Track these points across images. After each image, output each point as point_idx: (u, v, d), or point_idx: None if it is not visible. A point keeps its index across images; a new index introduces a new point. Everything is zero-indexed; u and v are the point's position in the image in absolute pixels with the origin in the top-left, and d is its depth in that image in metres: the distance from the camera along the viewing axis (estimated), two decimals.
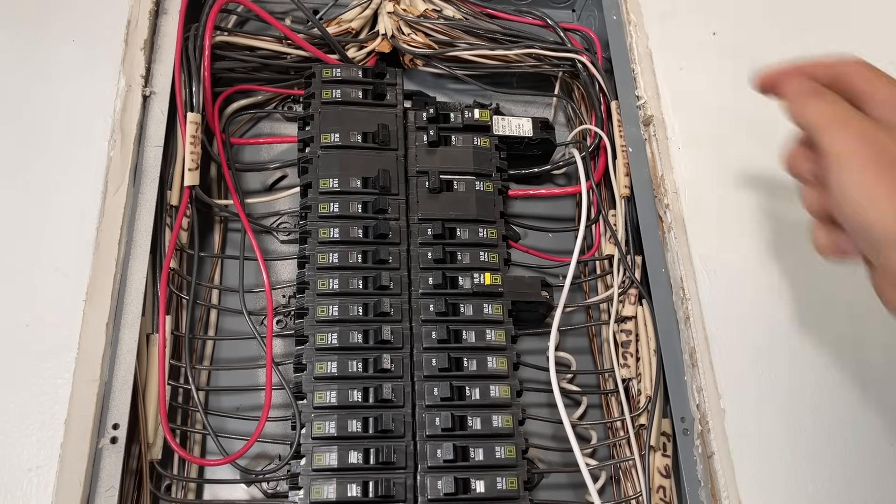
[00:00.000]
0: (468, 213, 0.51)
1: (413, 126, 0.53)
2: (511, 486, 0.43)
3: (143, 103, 0.50)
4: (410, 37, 0.57)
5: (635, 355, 0.50)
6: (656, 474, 0.47)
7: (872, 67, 0.39)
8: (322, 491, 0.42)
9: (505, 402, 0.46)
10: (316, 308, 0.46)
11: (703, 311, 0.48)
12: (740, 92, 0.57)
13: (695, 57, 0.58)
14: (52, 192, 0.46)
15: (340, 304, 0.47)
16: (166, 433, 0.42)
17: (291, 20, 0.59)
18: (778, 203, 0.53)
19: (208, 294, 0.51)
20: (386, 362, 0.45)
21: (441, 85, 0.62)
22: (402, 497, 0.42)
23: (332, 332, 0.46)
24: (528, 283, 0.50)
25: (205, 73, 0.51)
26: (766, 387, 0.47)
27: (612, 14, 0.59)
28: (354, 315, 0.46)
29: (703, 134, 0.55)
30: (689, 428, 0.47)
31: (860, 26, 0.63)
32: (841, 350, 0.49)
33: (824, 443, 0.46)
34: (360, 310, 0.47)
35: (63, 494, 0.39)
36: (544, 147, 0.58)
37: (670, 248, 0.51)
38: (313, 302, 0.47)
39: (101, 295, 0.44)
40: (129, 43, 0.51)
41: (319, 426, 0.43)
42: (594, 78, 0.58)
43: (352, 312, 0.46)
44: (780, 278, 0.50)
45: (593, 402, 0.53)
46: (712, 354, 0.47)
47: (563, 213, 0.60)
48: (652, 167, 0.54)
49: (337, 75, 0.53)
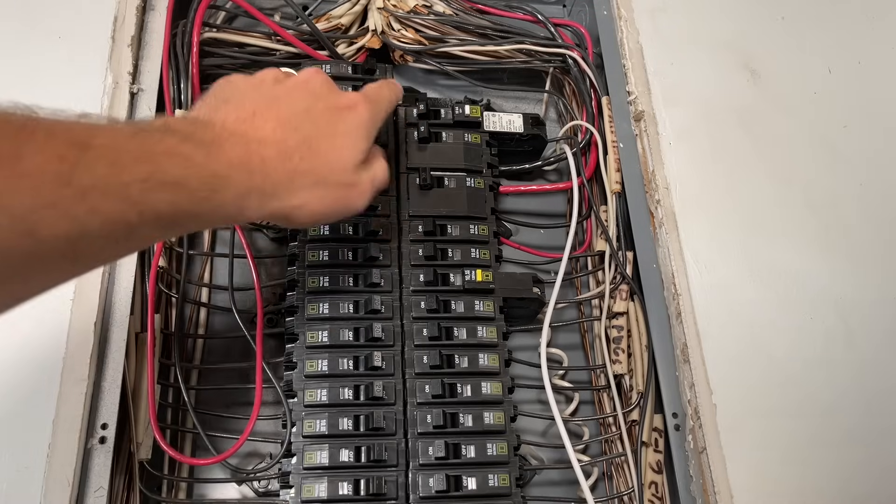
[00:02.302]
0: (459, 210, 0.51)
1: (403, 122, 0.53)
2: (503, 482, 0.43)
3: (131, 100, 0.49)
4: (400, 33, 0.57)
5: (627, 351, 0.50)
6: (648, 470, 0.47)
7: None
8: (313, 489, 0.42)
9: (497, 399, 0.46)
10: (306, 306, 0.46)
11: (694, 306, 0.48)
12: (731, 87, 0.57)
13: (685, 52, 0.58)
14: None
15: (331, 301, 0.46)
16: (156, 433, 0.42)
17: (281, 16, 0.58)
18: (769, 198, 0.53)
19: (198, 292, 0.51)
20: (377, 360, 0.45)
21: (431, 81, 0.62)
22: (393, 495, 0.42)
23: (323, 329, 0.46)
24: (520, 279, 0.50)
25: (193, 70, 0.51)
26: (757, 382, 0.47)
27: (603, 9, 0.59)
28: (345, 313, 0.46)
29: (694, 129, 0.55)
30: (680, 423, 0.47)
31: (852, 20, 0.63)
32: (832, 344, 0.49)
33: (815, 437, 0.46)
34: (350, 307, 0.46)
35: (52, 495, 0.38)
36: (535, 143, 0.58)
37: (661, 244, 0.51)
38: (303, 300, 0.46)
39: (89, 293, 0.43)
40: (116, 39, 0.50)
41: (310, 424, 0.43)
42: (585, 73, 0.57)
43: (342, 310, 0.46)
44: (772, 273, 0.50)
45: (585, 399, 0.53)
46: (704, 350, 0.47)
47: (554, 210, 0.60)
48: (643, 162, 0.54)
49: (327, 71, 0.53)
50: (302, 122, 0.37)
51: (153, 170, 0.29)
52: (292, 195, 0.36)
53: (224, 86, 0.38)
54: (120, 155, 0.28)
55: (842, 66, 0.60)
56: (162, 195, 0.29)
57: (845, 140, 0.56)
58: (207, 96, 0.38)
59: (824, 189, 0.54)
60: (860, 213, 0.54)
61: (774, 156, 0.55)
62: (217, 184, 0.32)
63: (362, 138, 0.39)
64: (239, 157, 0.33)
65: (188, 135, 0.32)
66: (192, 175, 0.31)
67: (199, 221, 0.36)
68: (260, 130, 0.35)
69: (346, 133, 0.39)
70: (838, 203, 0.54)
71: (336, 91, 0.40)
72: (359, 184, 0.39)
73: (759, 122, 0.56)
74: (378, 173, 0.41)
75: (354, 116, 0.39)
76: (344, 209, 0.39)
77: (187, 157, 0.31)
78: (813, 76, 0.59)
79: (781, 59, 0.59)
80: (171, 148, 0.31)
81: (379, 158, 0.42)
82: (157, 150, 0.30)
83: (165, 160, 0.30)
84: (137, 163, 0.29)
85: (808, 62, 0.59)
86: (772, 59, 0.58)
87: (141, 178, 0.29)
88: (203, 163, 0.32)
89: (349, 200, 0.39)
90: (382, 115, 0.42)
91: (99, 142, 0.28)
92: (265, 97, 0.37)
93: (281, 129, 0.36)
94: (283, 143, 0.36)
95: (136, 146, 0.29)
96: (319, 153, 0.37)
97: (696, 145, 0.54)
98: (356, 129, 0.39)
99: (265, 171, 0.34)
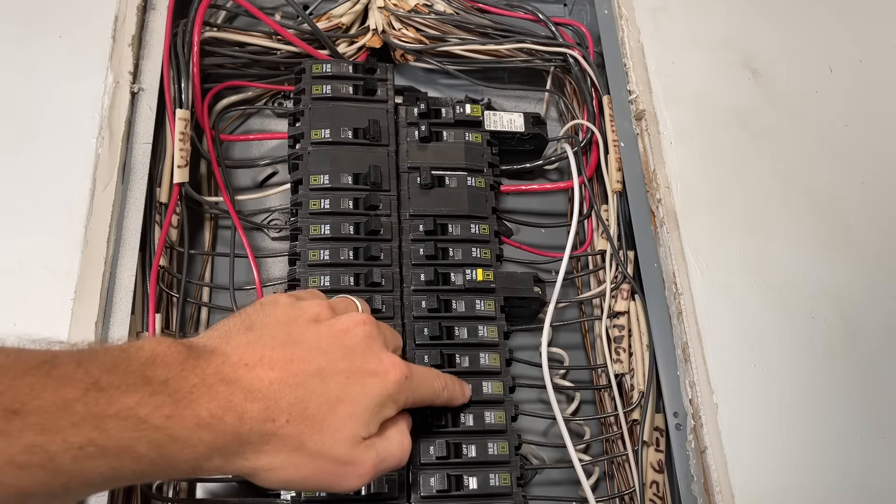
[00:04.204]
0: (460, 209, 0.51)
1: (404, 122, 0.53)
2: (504, 482, 0.43)
3: (132, 100, 0.49)
4: (401, 32, 0.57)
5: (628, 350, 0.50)
6: (649, 469, 0.47)
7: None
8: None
9: (498, 399, 0.45)
10: None
11: (695, 305, 0.48)
12: (732, 86, 0.57)
13: (686, 51, 0.58)
14: (40, 189, 0.46)
15: None
16: None
17: (281, 15, 0.58)
18: (770, 196, 0.53)
19: (199, 292, 0.51)
20: None
21: (432, 80, 0.62)
22: (395, 495, 0.42)
23: None
24: (521, 278, 0.50)
25: (194, 70, 0.51)
26: (759, 381, 0.47)
27: (604, 8, 0.59)
28: None
29: (695, 128, 0.55)
30: (682, 423, 0.47)
31: (853, 18, 0.63)
32: (833, 343, 0.49)
33: (817, 437, 0.46)
34: None
35: None
36: (536, 142, 0.58)
37: (662, 243, 0.51)
38: None
39: (90, 293, 0.43)
40: (116, 39, 0.50)
41: None
42: (586, 72, 0.57)
43: None
44: (773, 272, 0.50)
45: (586, 398, 0.53)
46: (705, 349, 0.47)
47: (555, 209, 0.60)
48: (644, 162, 0.54)
49: (327, 71, 0.53)
50: (309, 379, 0.33)
51: (94, 436, 0.26)
52: (261, 455, 0.31)
53: (263, 305, 0.36)
54: (57, 421, 0.26)
55: (843, 65, 0.59)
56: (97, 462, 0.27)
57: (846, 139, 0.56)
58: (239, 314, 0.35)
59: (825, 188, 0.54)
60: (861, 211, 0.54)
61: (775, 154, 0.55)
62: (170, 447, 0.28)
63: (374, 411, 0.34)
64: (211, 414, 0.29)
65: (163, 383, 0.29)
66: (142, 438, 0.28)
67: (143, 480, 0.34)
68: (256, 381, 0.31)
69: (354, 401, 0.34)
70: (839, 202, 0.54)
71: (373, 352, 0.36)
72: (357, 463, 0.34)
73: (760, 121, 0.56)
74: (391, 452, 0.35)
75: (377, 384, 0.34)
76: (328, 485, 0.34)
77: (142, 420, 0.28)
78: (814, 75, 0.59)
79: (782, 58, 0.59)
80: (126, 409, 0.27)
81: (396, 435, 0.36)
82: (108, 412, 0.27)
83: (113, 423, 0.27)
84: (76, 428, 0.26)
85: (809, 61, 0.59)
86: (773, 58, 0.58)
87: (76, 446, 0.26)
88: (160, 425, 0.28)
89: (337, 478, 0.34)
90: (415, 398, 0.37)
91: (36, 405, 0.25)
92: (288, 338, 0.34)
93: (279, 384, 0.32)
94: (275, 401, 0.31)
95: (82, 408, 0.26)
96: (313, 420, 0.32)
97: (697, 144, 0.54)
98: (371, 399, 0.34)
99: (237, 431, 0.30)
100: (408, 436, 0.37)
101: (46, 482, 0.26)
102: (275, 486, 0.33)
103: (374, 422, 0.35)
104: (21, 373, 0.26)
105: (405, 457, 0.36)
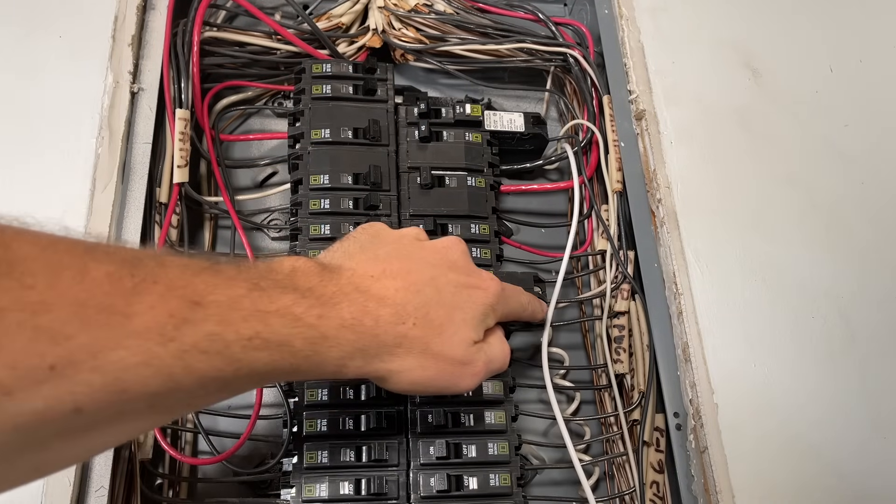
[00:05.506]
0: (460, 209, 0.51)
1: (404, 121, 0.53)
2: (504, 482, 0.43)
3: (132, 100, 0.49)
4: (401, 31, 0.57)
5: (628, 350, 0.50)
6: (650, 469, 0.47)
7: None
8: (314, 489, 0.42)
9: (497, 399, 0.45)
10: None
11: (696, 305, 0.48)
12: (732, 85, 0.57)
13: (686, 51, 0.58)
14: (40, 189, 0.46)
15: None
16: (156, 432, 0.42)
17: (281, 15, 0.58)
18: (770, 196, 0.53)
19: None
20: None
21: (432, 80, 0.62)
22: (394, 494, 0.42)
23: None
24: (521, 278, 0.50)
25: (194, 69, 0.51)
26: (759, 381, 0.47)
27: (604, 8, 0.59)
28: None
29: (695, 128, 0.55)
30: (682, 423, 0.47)
31: (853, 18, 0.63)
32: (833, 343, 0.49)
33: (817, 437, 0.46)
34: None
35: (52, 494, 0.38)
36: (536, 142, 0.58)
37: (663, 243, 0.51)
38: None
39: None
40: (116, 39, 0.50)
41: (311, 424, 0.43)
42: (586, 72, 0.57)
43: None
44: (773, 272, 0.50)
45: (586, 398, 0.53)
46: (705, 349, 0.47)
47: (555, 209, 0.60)
48: (644, 162, 0.54)
49: (327, 71, 0.53)
50: (425, 287, 0.36)
51: (260, 329, 0.29)
52: (395, 358, 0.35)
53: (367, 230, 0.39)
54: (230, 313, 0.28)
55: (843, 65, 0.59)
56: (262, 354, 0.29)
57: (847, 139, 0.56)
58: (349, 237, 0.38)
59: (826, 188, 0.54)
60: (861, 211, 0.54)
61: (776, 154, 0.54)
62: (322, 344, 0.32)
63: (479, 319, 0.38)
64: (352, 316, 0.33)
65: (309, 290, 0.32)
66: (299, 335, 0.31)
67: (296, 376, 0.37)
68: (384, 289, 0.35)
69: (465, 308, 0.37)
70: (840, 202, 0.54)
71: (471, 267, 0.40)
72: (472, 363, 0.37)
73: (760, 121, 0.56)
74: (496, 355, 0.39)
75: (480, 295, 0.38)
76: (448, 385, 0.37)
77: (298, 318, 0.31)
78: (814, 75, 0.59)
79: (783, 57, 0.59)
80: (285, 307, 0.30)
81: (498, 342, 0.40)
82: (270, 308, 0.30)
83: (275, 319, 0.30)
84: (245, 322, 0.29)
85: (809, 61, 0.59)
86: (773, 58, 0.58)
87: (246, 337, 0.28)
88: (313, 324, 0.31)
89: (456, 377, 0.37)
90: (507, 310, 0.41)
91: (212, 298, 0.28)
92: (400, 254, 0.37)
93: (403, 292, 0.35)
94: (402, 306, 0.35)
95: (249, 304, 0.29)
96: (433, 324, 0.36)
97: (697, 144, 0.54)
98: (476, 308, 0.38)
99: (375, 332, 0.34)
100: (507, 343, 0.41)
101: (222, 368, 0.28)
102: (404, 388, 0.36)
103: (480, 328, 0.38)
104: (196, 272, 0.28)
105: (507, 360, 0.40)
